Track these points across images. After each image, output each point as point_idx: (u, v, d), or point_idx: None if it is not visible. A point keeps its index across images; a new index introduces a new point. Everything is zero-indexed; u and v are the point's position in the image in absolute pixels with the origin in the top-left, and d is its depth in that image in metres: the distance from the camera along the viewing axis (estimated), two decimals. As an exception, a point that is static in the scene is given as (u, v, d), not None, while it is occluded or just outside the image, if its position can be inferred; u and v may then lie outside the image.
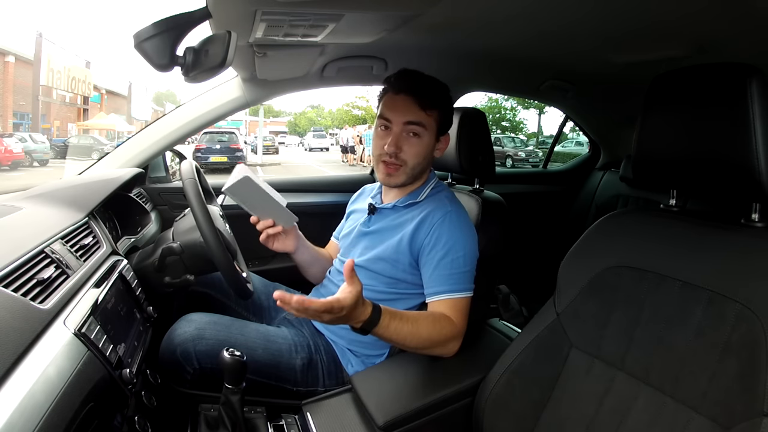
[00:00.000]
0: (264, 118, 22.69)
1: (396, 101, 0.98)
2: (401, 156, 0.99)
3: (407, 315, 0.84)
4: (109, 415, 0.68)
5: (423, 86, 0.98)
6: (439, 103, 0.99)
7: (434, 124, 0.99)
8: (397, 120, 0.98)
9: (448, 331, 0.89)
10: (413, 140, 0.98)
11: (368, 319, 0.76)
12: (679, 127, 0.68)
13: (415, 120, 0.97)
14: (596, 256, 0.79)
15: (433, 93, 0.99)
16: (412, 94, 0.97)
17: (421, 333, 0.85)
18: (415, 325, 0.84)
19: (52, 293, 0.69)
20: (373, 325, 0.77)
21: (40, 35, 15.44)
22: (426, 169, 1.04)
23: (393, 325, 0.80)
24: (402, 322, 0.82)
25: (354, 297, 0.71)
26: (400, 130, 0.98)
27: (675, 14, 0.95)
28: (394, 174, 1.00)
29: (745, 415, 0.55)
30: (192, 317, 1.00)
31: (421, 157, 1.00)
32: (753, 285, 0.59)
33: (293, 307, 0.68)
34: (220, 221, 1.11)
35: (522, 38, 1.23)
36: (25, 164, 11.97)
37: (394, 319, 0.80)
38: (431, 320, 0.89)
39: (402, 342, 0.84)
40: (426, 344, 0.87)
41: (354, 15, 0.88)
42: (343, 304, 0.70)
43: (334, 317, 0.71)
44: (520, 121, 21.73)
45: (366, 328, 0.77)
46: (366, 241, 1.06)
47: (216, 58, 0.70)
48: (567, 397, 0.76)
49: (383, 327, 0.79)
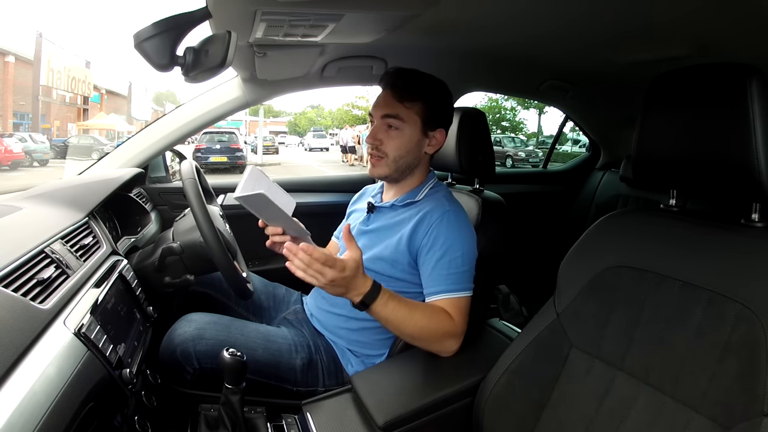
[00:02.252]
0: (264, 118, 22.69)
1: (379, 97, 1.02)
2: (382, 148, 1.00)
3: (406, 299, 0.86)
4: (109, 415, 0.68)
5: (401, 79, 0.99)
6: (421, 95, 0.99)
7: (416, 117, 0.99)
8: (377, 113, 1.01)
9: (446, 326, 0.89)
10: (392, 132, 1.00)
11: (368, 292, 0.79)
12: (679, 127, 0.68)
13: (391, 113, 0.98)
14: (596, 256, 0.79)
15: (412, 85, 0.99)
16: (390, 87, 0.99)
17: (417, 320, 0.86)
18: (413, 311, 0.86)
19: (52, 293, 0.69)
20: (372, 299, 0.79)
21: (40, 35, 15.44)
22: (414, 163, 1.03)
23: (391, 305, 0.82)
24: (400, 304, 0.84)
25: (355, 261, 0.74)
26: (380, 124, 1.00)
27: (675, 14, 0.95)
28: (376, 165, 1.02)
29: (745, 415, 0.55)
30: (192, 317, 1.00)
31: (403, 149, 1.00)
32: (753, 285, 0.59)
33: (300, 257, 0.72)
34: (220, 221, 1.11)
35: (522, 38, 1.23)
36: (25, 164, 11.97)
37: (392, 298, 0.83)
38: (430, 310, 0.90)
39: (398, 325, 0.85)
40: (422, 333, 0.88)
41: (354, 15, 0.88)
42: (345, 265, 0.73)
43: (337, 277, 0.74)
44: (520, 121, 21.73)
45: (366, 301, 0.79)
46: (365, 240, 1.06)
47: (216, 58, 0.70)
48: (567, 397, 0.76)
49: (382, 303, 0.81)
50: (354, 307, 0.81)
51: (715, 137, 0.64)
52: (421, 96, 0.99)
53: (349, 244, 0.76)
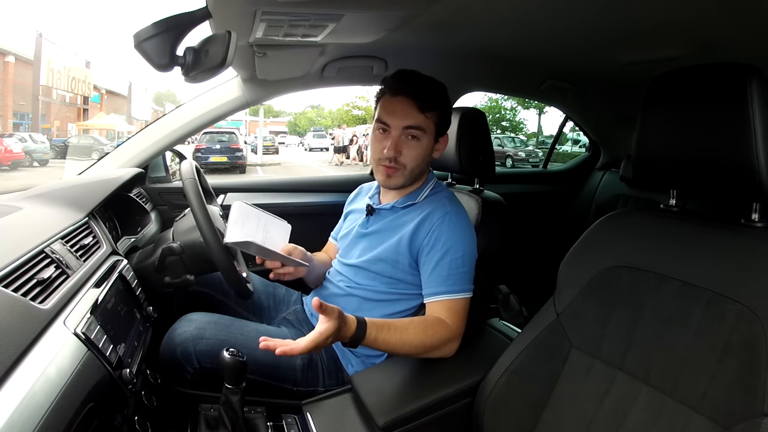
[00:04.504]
0: (264, 118, 22.70)
1: (394, 104, 0.97)
2: (400, 160, 0.98)
3: (395, 324, 0.85)
4: (109, 415, 0.68)
5: (421, 88, 0.96)
6: (437, 105, 0.98)
7: (433, 126, 0.98)
8: (396, 124, 0.96)
9: (442, 335, 0.89)
10: (412, 143, 0.97)
11: (354, 336, 0.80)
12: (679, 127, 0.68)
13: (414, 124, 0.96)
14: (596, 256, 0.79)
15: (432, 95, 0.97)
16: (410, 96, 0.95)
17: (410, 341, 0.86)
18: (404, 334, 0.85)
19: (52, 293, 0.69)
20: (359, 341, 0.80)
21: (40, 35, 15.43)
22: (425, 170, 1.04)
23: (381, 337, 0.83)
24: (390, 333, 0.83)
25: (333, 325, 0.75)
26: (399, 134, 0.97)
27: (675, 14, 0.95)
28: (393, 175, 0.99)
29: (745, 415, 0.55)
30: (192, 317, 1.00)
31: (420, 159, 0.99)
32: (753, 285, 0.59)
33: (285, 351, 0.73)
34: (220, 221, 1.11)
35: (522, 38, 1.23)
36: (25, 164, 11.96)
37: (381, 331, 0.83)
38: (422, 327, 0.88)
39: (393, 351, 0.86)
40: (419, 350, 0.88)
41: (354, 15, 0.88)
42: (326, 335, 0.74)
43: (321, 344, 0.75)
44: (520, 121, 21.73)
45: (353, 343, 0.81)
46: (365, 243, 1.06)
47: (216, 58, 0.70)
48: (567, 397, 0.76)
49: (371, 340, 0.82)
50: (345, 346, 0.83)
51: (715, 137, 0.64)
52: (438, 105, 0.98)
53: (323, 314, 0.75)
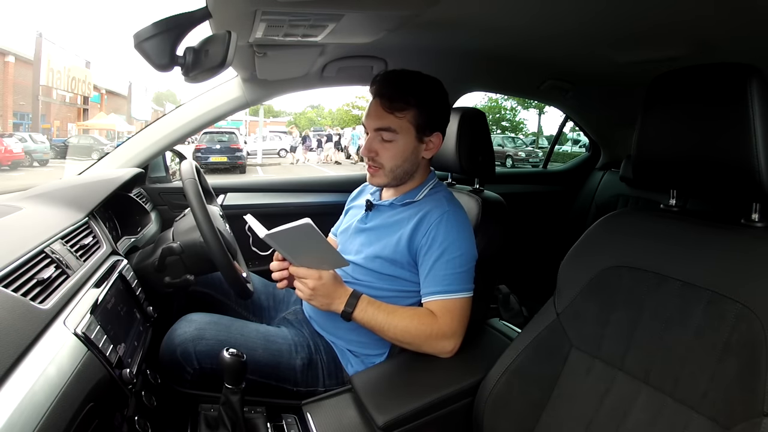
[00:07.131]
0: (264, 118, 22.67)
1: (370, 106, 0.99)
2: (378, 159, 0.99)
3: (385, 305, 0.93)
4: (109, 415, 0.68)
5: (391, 89, 0.95)
6: (413, 103, 0.95)
7: (409, 126, 0.96)
8: (369, 125, 0.98)
9: (430, 327, 0.90)
10: (386, 145, 0.98)
11: (348, 299, 0.89)
12: (679, 127, 0.68)
13: (383, 126, 0.96)
14: (596, 256, 0.79)
15: (402, 93, 0.95)
16: (379, 97, 0.96)
17: (396, 323, 0.90)
18: (391, 315, 0.91)
19: (52, 293, 0.69)
20: (353, 305, 0.89)
21: (40, 35, 15.42)
22: (411, 169, 1.02)
23: (370, 310, 0.91)
24: (379, 310, 0.91)
25: (330, 273, 0.86)
26: (373, 135, 0.99)
27: (675, 14, 0.95)
28: (375, 174, 1.01)
29: (745, 415, 0.55)
30: (192, 317, 1.00)
31: (399, 159, 0.98)
32: (753, 285, 0.59)
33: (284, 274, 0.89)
34: (220, 221, 1.11)
35: (522, 38, 1.23)
36: (25, 164, 11.95)
37: (371, 304, 0.91)
38: (410, 314, 0.92)
39: (380, 328, 0.91)
40: (405, 336, 0.91)
41: (354, 15, 0.88)
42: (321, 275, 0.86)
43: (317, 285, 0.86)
44: (520, 121, 21.71)
45: (347, 309, 0.89)
46: (362, 238, 1.06)
47: (216, 58, 0.70)
48: (567, 397, 0.76)
49: (361, 309, 0.90)
50: (341, 316, 0.90)
51: (715, 137, 0.64)
52: (412, 103, 0.95)
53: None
